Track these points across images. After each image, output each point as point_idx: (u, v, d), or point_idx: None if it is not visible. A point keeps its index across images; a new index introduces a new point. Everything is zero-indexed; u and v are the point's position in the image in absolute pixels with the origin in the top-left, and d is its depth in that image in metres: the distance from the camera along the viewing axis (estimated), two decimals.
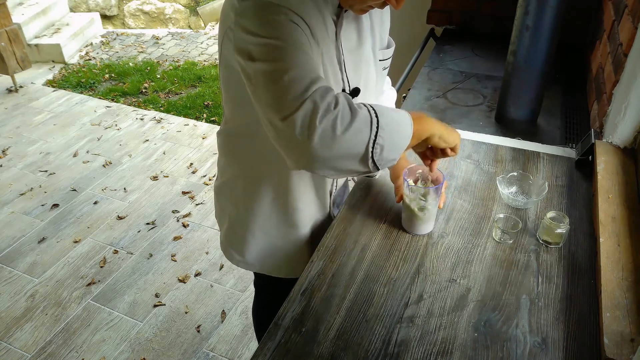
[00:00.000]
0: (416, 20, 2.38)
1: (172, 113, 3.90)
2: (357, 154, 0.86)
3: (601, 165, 1.29)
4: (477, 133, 1.56)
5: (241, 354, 2.05)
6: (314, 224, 1.24)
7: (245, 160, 1.16)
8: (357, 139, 0.85)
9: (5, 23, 3.84)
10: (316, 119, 0.81)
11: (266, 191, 1.16)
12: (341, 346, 0.92)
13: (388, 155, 0.89)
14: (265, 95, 0.86)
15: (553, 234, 1.11)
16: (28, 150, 3.42)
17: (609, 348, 0.87)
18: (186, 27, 6.24)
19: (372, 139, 0.86)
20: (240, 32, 0.89)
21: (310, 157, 0.84)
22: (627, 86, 1.29)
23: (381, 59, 1.18)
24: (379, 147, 0.86)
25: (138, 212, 2.84)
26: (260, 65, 0.86)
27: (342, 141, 0.83)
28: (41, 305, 2.28)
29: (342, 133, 0.83)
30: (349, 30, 1.04)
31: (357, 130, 0.84)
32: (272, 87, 0.85)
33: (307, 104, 0.82)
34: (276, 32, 0.85)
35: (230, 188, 1.23)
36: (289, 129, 0.82)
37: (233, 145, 1.17)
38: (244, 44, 0.88)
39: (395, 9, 0.94)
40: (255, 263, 1.28)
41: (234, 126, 1.14)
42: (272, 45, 0.85)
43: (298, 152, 0.84)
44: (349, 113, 0.84)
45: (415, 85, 1.87)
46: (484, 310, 0.98)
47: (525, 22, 1.44)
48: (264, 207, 1.18)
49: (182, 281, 2.38)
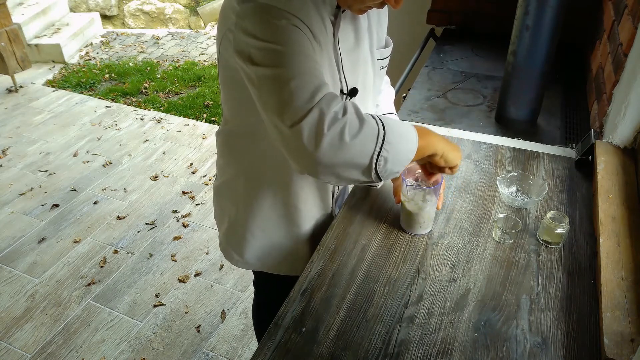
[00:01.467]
0: (416, 20, 2.38)
1: (172, 113, 3.90)
2: (362, 164, 0.86)
3: (601, 165, 1.29)
4: (477, 133, 1.56)
5: (241, 354, 2.05)
6: (315, 223, 1.24)
7: (245, 160, 1.16)
8: (362, 149, 0.85)
9: (5, 23, 3.84)
10: (323, 127, 0.81)
11: (266, 191, 1.16)
12: (341, 346, 0.92)
13: (392, 168, 0.90)
14: (271, 101, 0.86)
15: (553, 234, 1.11)
16: (28, 150, 3.42)
17: (609, 348, 0.87)
18: (186, 27, 6.24)
19: (377, 152, 0.86)
20: (240, 34, 0.89)
21: (315, 164, 0.84)
22: (627, 86, 1.29)
23: (379, 59, 1.18)
24: (383, 160, 0.87)
25: (138, 212, 2.84)
26: (264, 70, 0.86)
27: (348, 150, 0.83)
28: (41, 305, 2.28)
29: (349, 141, 0.83)
30: (347, 30, 1.04)
31: (363, 141, 0.84)
32: (277, 94, 0.85)
33: (314, 112, 0.82)
34: (278, 36, 0.85)
35: (230, 188, 1.23)
36: (296, 137, 0.83)
37: (233, 145, 1.17)
38: (245, 47, 0.88)
39: (394, 8, 0.94)
40: (255, 262, 1.28)
41: (233, 126, 1.14)
42: (275, 50, 0.85)
43: (303, 159, 0.85)
44: (357, 123, 0.84)
45: (415, 85, 1.87)
46: (484, 310, 0.98)
47: (525, 22, 1.44)
48: (264, 206, 1.18)
49: (182, 281, 2.38)
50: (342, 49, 1.03)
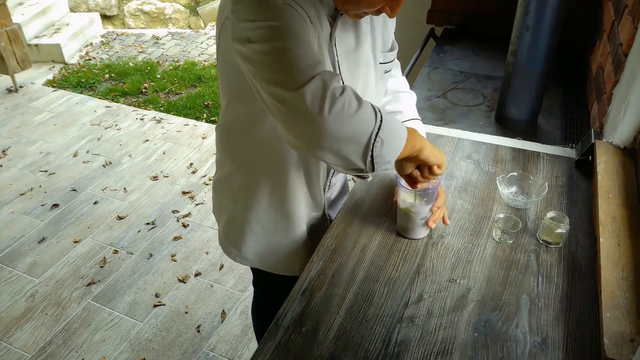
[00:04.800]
0: (416, 20, 2.38)
1: (172, 113, 3.90)
2: (361, 142, 0.85)
3: (601, 165, 1.29)
4: (477, 133, 1.56)
5: (241, 354, 2.05)
6: (308, 222, 1.24)
7: (242, 154, 1.16)
8: (363, 126, 0.85)
9: (5, 23, 3.84)
10: (327, 94, 0.81)
11: (263, 184, 1.16)
12: (341, 346, 0.92)
13: (386, 155, 0.89)
14: (270, 73, 0.85)
15: (553, 234, 1.11)
16: (28, 150, 3.42)
17: (609, 348, 0.87)
18: (186, 27, 6.24)
19: (376, 131, 0.86)
20: (237, 21, 0.88)
21: (318, 132, 0.82)
22: (627, 86, 1.29)
23: (382, 62, 1.15)
24: (380, 141, 0.86)
25: (138, 212, 2.84)
26: (261, 45, 0.85)
27: (350, 122, 0.83)
28: (41, 305, 2.28)
29: (351, 115, 0.83)
30: (347, 32, 1.03)
31: (363, 118, 0.84)
32: (276, 64, 0.84)
33: (317, 79, 0.81)
34: (274, 14, 0.85)
35: (228, 182, 1.22)
36: (300, 100, 0.81)
37: (230, 138, 1.17)
38: (242, 32, 0.87)
39: (389, 17, 0.94)
40: (253, 258, 1.28)
41: (230, 119, 1.13)
42: (272, 26, 0.84)
43: (307, 125, 0.83)
44: (356, 101, 0.84)
45: (415, 85, 1.87)
46: (484, 310, 0.98)
47: (525, 22, 1.44)
48: (261, 200, 1.18)
49: (182, 281, 2.38)
50: (341, 50, 1.03)
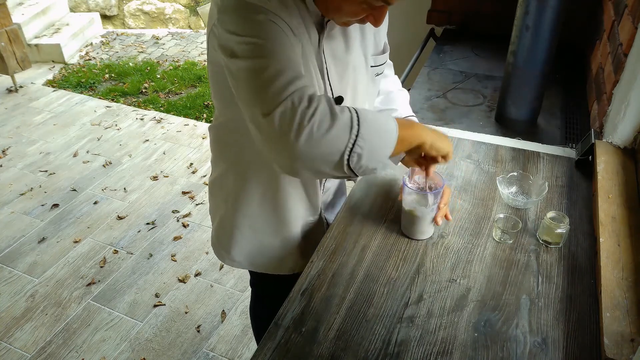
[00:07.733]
0: (416, 20, 2.38)
1: (172, 113, 3.90)
2: (332, 161, 0.84)
3: (601, 165, 1.29)
4: (477, 133, 1.56)
5: (241, 354, 2.05)
6: (304, 224, 1.23)
7: (234, 155, 1.16)
8: (335, 144, 0.83)
9: (5, 23, 3.84)
10: (295, 118, 0.80)
11: (255, 188, 1.16)
12: (341, 346, 0.92)
13: (368, 164, 0.87)
14: (247, 93, 0.86)
15: (553, 234, 1.11)
16: (28, 150, 3.42)
17: (609, 348, 0.87)
18: (186, 27, 6.25)
19: (349, 147, 0.83)
20: (222, 30, 0.89)
21: (291, 155, 0.82)
22: (627, 86, 1.29)
23: (373, 65, 1.15)
24: (356, 156, 0.84)
25: (138, 212, 2.84)
26: (242, 62, 0.86)
27: (318, 144, 0.82)
28: (41, 305, 2.28)
29: (322, 137, 0.81)
30: (335, 38, 1.03)
31: (334, 137, 0.82)
32: (252, 84, 0.85)
33: (286, 102, 0.81)
34: (256, 31, 0.86)
35: (221, 184, 1.22)
36: (269, 127, 0.82)
37: (223, 140, 1.17)
38: (226, 42, 0.89)
39: (374, 26, 0.94)
40: (242, 261, 1.27)
41: (223, 121, 1.13)
42: (253, 43, 0.85)
43: (279, 150, 0.84)
44: (329, 118, 0.83)
45: (415, 85, 1.87)
46: (484, 310, 0.98)
47: (525, 22, 1.44)
48: (252, 203, 1.18)
49: (182, 281, 2.38)
50: (329, 55, 1.02)
